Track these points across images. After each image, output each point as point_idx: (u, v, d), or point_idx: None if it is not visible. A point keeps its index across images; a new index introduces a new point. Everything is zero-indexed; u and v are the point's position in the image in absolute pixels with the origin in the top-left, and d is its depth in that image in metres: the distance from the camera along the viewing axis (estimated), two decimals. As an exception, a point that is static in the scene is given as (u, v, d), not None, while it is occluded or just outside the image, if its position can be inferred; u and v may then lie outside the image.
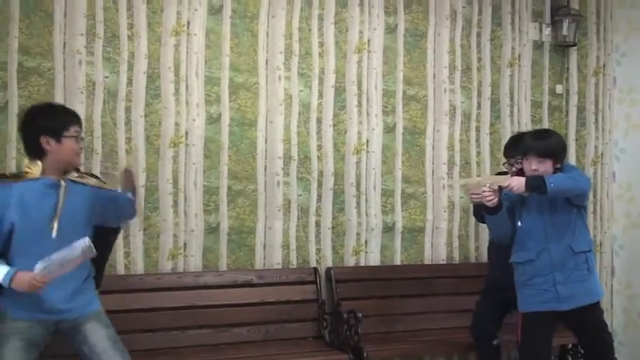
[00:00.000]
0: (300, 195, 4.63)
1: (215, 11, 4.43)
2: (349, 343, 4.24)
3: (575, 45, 5.38)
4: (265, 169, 4.54)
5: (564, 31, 5.30)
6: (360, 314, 4.23)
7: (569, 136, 5.40)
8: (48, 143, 3.00)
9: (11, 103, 3.96)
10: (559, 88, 5.44)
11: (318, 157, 4.67)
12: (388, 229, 4.86)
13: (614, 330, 5.10)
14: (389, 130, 4.89)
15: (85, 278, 3.14)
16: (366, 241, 4.80)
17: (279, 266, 4.57)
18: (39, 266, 2.85)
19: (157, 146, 4.29)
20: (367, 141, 4.82)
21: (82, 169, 3.31)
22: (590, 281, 3.72)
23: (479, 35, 5.17)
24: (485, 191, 3.60)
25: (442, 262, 5.04)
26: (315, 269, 4.58)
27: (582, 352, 4.75)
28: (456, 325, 4.70)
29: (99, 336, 3.10)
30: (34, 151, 3.03)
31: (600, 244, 5.32)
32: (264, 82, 4.54)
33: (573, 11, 5.32)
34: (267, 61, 4.55)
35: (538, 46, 5.38)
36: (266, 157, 4.55)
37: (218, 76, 4.43)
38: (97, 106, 4.15)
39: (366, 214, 4.80)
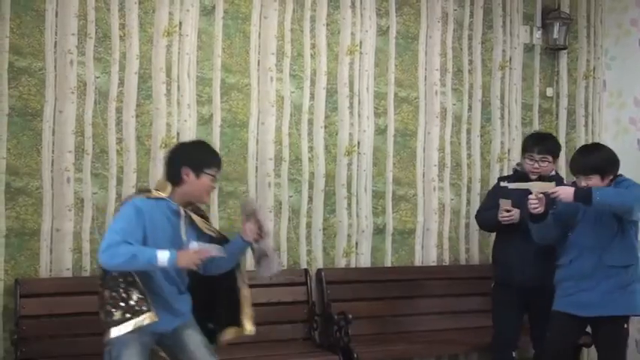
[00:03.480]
0: (291, 196, 4.63)
1: (207, 12, 4.42)
2: (339, 345, 4.24)
3: (565, 48, 5.40)
4: (256, 170, 4.54)
5: (555, 35, 5.33)
6: (351, 316, 4.24)
7: (559, 139, 5.41)
8: (187, 175, 3.22)
9: (1, 102, 3.94)
10: (549, 91, 5.47)
11: (309, 158, 4.67)
12: (379, 230, 4.87)
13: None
14: (380, 131, 4.89)
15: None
16: (356, 243, 4.81)
17: (270, 267, 4.56)
18: (193, 245, 3.18)
19: (148, 147, 4.28)
20: (358, 143, 4.82)
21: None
22: (616, 295, 3.65)
23: (470, 38, 5.19)
24: (531, 199, 3.63)
25: (432, 264, 5.04)
26: (306, 271, 4.59)
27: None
28: (446, 327, 4.72)
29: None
30: (173, 178, 3.24)
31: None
32: (256, 84, 4.54)
33: (564, 15, 5.35)
34: (258, 62, 4.55)
35: (529, 49, 5.40)
36: (257, 159, 4.54)
37: (210, 76, 4.42)
38: (88, 106, 4.14)
39: (357, 216, 4.81)
